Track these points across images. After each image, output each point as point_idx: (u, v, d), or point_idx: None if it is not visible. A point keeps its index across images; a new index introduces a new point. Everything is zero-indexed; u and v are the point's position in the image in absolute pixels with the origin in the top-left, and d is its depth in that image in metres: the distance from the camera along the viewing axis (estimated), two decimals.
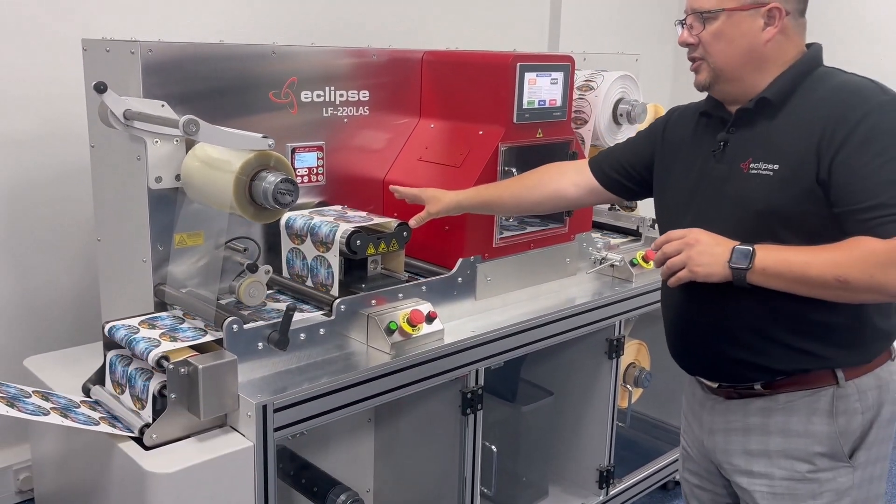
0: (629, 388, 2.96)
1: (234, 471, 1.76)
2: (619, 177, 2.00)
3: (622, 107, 2.92)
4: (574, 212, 2.62)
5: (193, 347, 1.83)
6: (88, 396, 1.96)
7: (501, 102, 2.38)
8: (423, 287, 2.26)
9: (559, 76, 2.49)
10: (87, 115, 2.11)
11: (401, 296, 2.19)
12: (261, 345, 1.91)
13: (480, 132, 2.42)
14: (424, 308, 2.13)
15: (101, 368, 1.97)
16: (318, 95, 2.31)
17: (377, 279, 2.25)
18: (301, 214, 2.25)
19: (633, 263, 2.74)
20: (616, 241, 2.95)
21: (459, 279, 2.36)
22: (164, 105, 1.95)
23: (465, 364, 2.19)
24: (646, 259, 2.76)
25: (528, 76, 2.39)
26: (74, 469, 2.04)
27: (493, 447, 2.48)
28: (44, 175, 2.63)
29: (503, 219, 2.55)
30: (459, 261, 2.35)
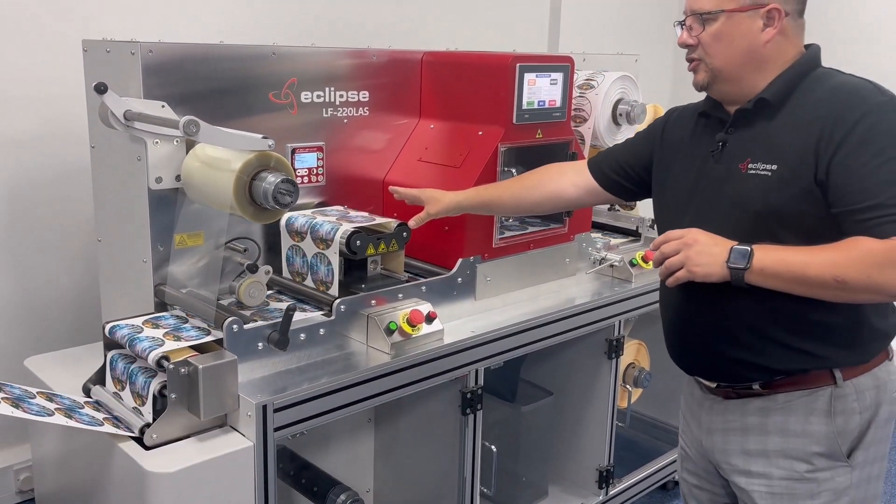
0: (629, 389, 2.96)
1: (235, 471, 1.77)
2: (618, 177, 2.00)
3: (622, 107, 2.92)
4: (574, 212, 2.62)
5: (194, 347, 1.84)
6: (89, 396, 1.96)
7: (501, 103, 2.39)
8: (423, 287, 2.26)
9: (559, 77, 2.49)
10: (88, 116, 2.12)
11: (400, 296, 2.20)
12: (261, 345, 1.91)
13: (480, 133, 2.42)
14: (424, 308, 2.14)
15: (102, 368, 1.98)
16: (318, 96, 2.32)
17: (377, 279, 2.25)
18: (303, 214, 2.25)
19: (633, 264, 2.75)
20: (616, 242, 2.95)
21: (459, 279, 2.36)
22: (165, 106, 1.96)
23: (465, 364, 2.20)
24: (645, 259, 2.76)
25: (528, 77, 2.39)
26: (75, 469, 2.05)
27: (493, 447, 2.48)
28: (44, 175, 2.64)
29: (504, 219, 2.56)
30: (459, 261, 2.35)
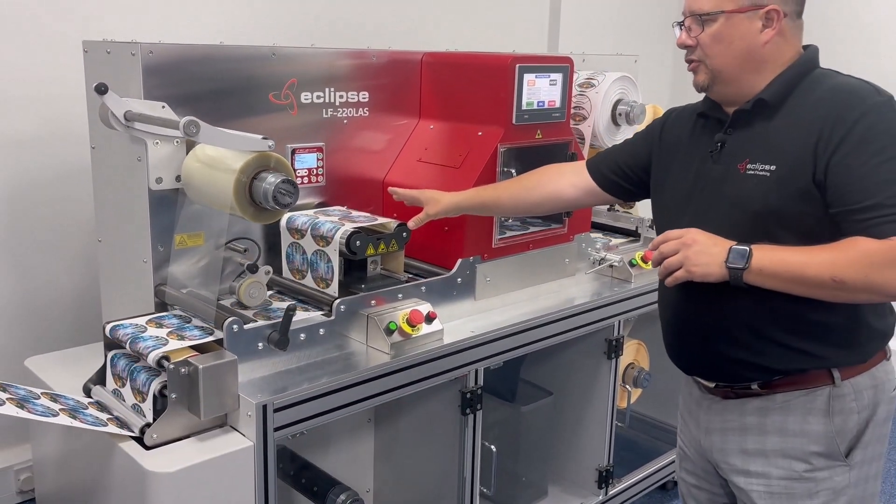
0: (628, 389, 2.96)
1: (235, 470, 1.77)
2: (617, 178, 2.00)
3: (621, 108, 2.92)
4: (573, 212, 2.63)
5: (194, 347, 1.84)
6: (89, 396, 1.96)
7: (500, 103, 2.39)
8: (423, 287, 2.26)
9: (558, 77, 2.49)
10: (88, 116, 2.12)
11: (400, 296, 2.20)
12: (261, 345, 1.92)
13: (480, 133, 2.43)
14: (424, 308, 2.14)
15: (102, 369, 1.98)
16: (318, 97, 2.32)
17: (377, 279, 2.25)
18: (304, 214, 2.25)
19: (632, 264, 2.75)
20: (615, 242, 2.95)
21: (459, 279, 2.36)
22: (165, 106, 1.96)
23: (465, 364, 2.20)
24: (645, 259, 2.76)
25: (528, 77, 2.39)
26: (75, 469, 2.05)
27: (493, 447, 2.48)
28: (44, 175, 2.64)
29: (505, 219, 2.56)
30: (459, 261, 2.36)
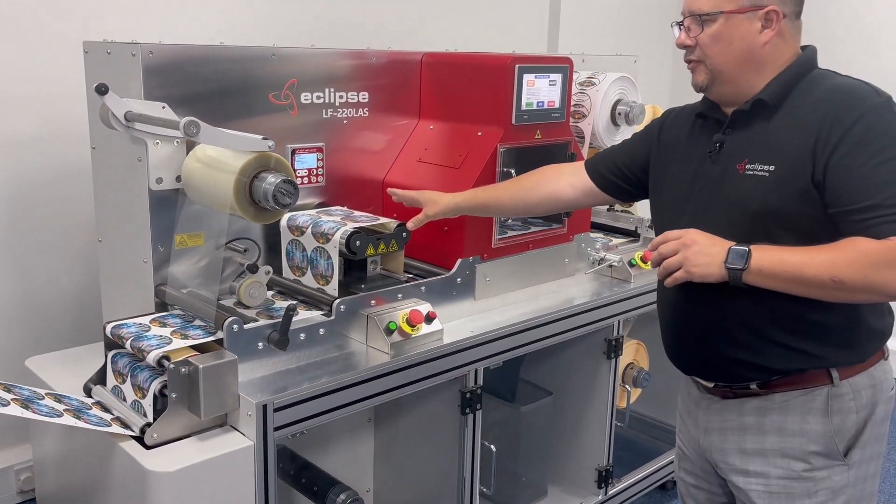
0: (628, 389, 2.96)
1: (235, 470, 1.77)
2: (615, 178, 2.00)
3: (620, 108, 2.92)
4: (573, 212, 2.63)
5: (194, 347, 1.85)
6: (90, 396, 1.96)
7: (500, 104, 2.39)
8: (423, 287, 2.27)
9: (557, 78, 2.50)
10: (88, 117, 2.12)
11: (400, 296, 2.20)
12: (261, 345, 1.92)
13: (479, 133, 2.43)
14: (424, 308, 2.14)
15: (102, 368, 1.99)
16: (318, 97, 2.32)
17: (377, 279, 2.26)
18: (306, 213, 2.26)
19: (632, 264, 2.75)
20: (615, 242, 2.95)
21: (458, 279, 2.37)
22: (165, 107, 1.96)
23: (465, 364, 2.20)
24: (644, 260, 2.76)
25: (527, 78, 2.40)
26: (75, 469, 2.05)
27: (493, 447, 2.48)
28: (44, 175, 2.64)
29: (506, 219, 2.56)
30: (458, 261, 2.36)
